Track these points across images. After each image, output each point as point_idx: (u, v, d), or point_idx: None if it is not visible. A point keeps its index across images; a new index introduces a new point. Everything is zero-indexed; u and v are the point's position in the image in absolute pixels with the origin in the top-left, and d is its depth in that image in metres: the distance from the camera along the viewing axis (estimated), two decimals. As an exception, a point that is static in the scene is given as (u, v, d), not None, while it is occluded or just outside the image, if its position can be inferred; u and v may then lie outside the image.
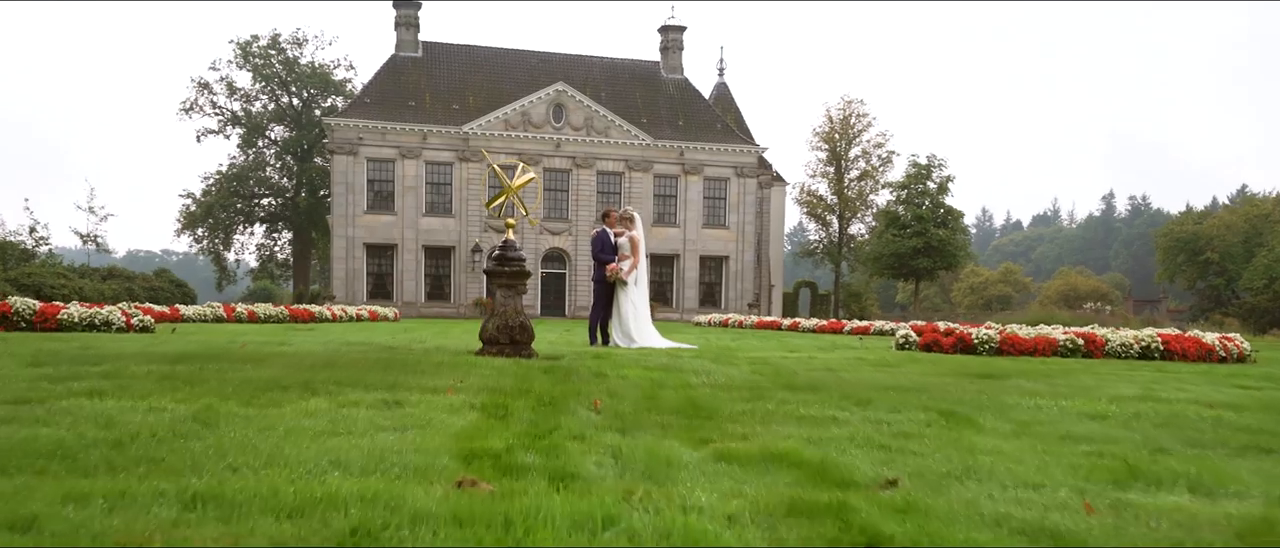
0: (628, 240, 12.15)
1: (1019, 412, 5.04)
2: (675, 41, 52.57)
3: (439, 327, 20.98)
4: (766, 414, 4.70)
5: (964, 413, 4.82)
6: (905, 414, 4.78)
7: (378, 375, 5.95)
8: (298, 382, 5.39)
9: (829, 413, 4.75)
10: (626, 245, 12.16)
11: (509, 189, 9.18)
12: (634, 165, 48.31)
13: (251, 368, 6.20)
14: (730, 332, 22.76)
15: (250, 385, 5.16)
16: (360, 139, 45.75)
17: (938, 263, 46.00)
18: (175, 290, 45.84)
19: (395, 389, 5.23)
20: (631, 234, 12.15)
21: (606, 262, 12.21)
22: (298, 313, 22.67)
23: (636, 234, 12.21)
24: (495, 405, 4.68)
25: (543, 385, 5.77)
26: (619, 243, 12.23)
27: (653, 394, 5.46)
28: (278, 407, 4.39)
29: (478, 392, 5.25)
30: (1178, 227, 66.38)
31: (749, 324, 25.16)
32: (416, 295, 46.78)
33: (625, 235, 12.21)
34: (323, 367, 6.39)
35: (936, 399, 5.55)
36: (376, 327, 20.18)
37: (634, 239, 12.16)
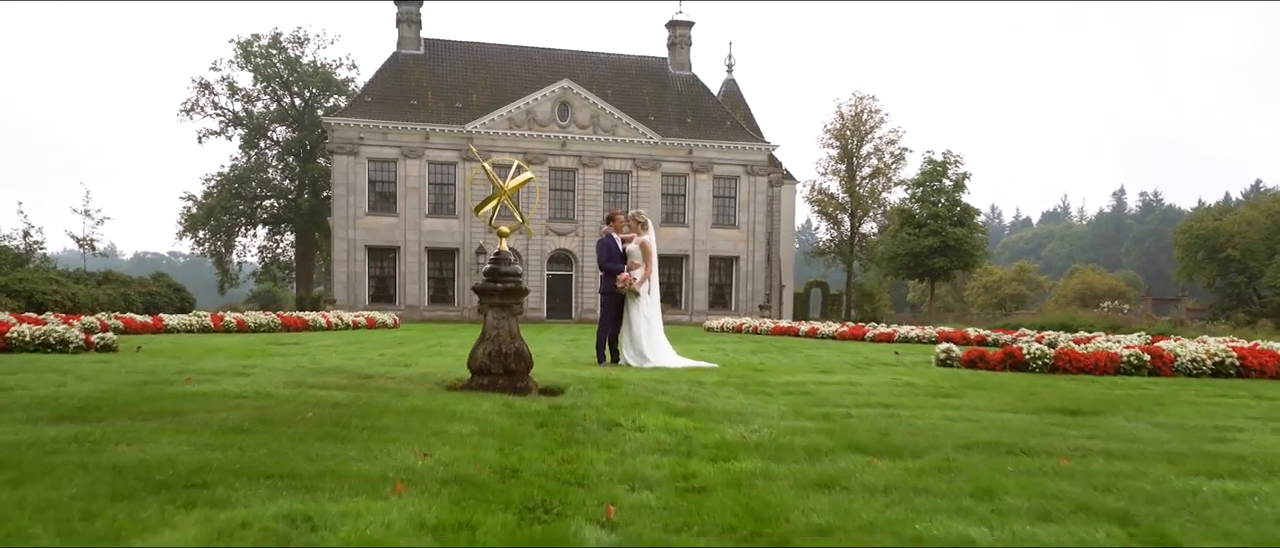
0: (638, 247, 10.93)
1: (1225, 519, 3.50)
2: (683, 37, 51.33)
3: (436, 337, 19.79)
4: (863, 527, 3.29)
5: (1151, 523, 3.36)
6: (1064, 527, 3.30)
7: (313, 448, 4.46)
8: (188, 470, 3.84)
9: (956, 528, 3.28)
10: (637, 252, 10.91)
11: (501, 191, 7.85)
12: (642, 164, 47.11)
13: (152, 434, 4.68)
14: (746, 340, 21.53)
15: (110, 483, 3.60)
16: (361, 139, 44.62)
17: (954, 262, 44.72)
18: (173, 295, 44.76)
19: (319, 486, 3.68)
20: (643, 240, 10.91)
21: (615, 271, 10.92)
22: (290, 321, 21.51)
23: (649, 239, 10.96)
24: (457, 523, 3.22)
25: (535, 458, 4.44)
26: (628, 250, 11.00)
27: (686, 474, 4.16)
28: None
29: (441, 484, 3.79)
30: (1197, 223, 64.98)
31: (765, 330, 23.94)
32: (419, 299, 45.64)
33: (636, 241, 11.00)
34: (251, 428, 4.94)
35: (1079, 482, 4.08)
36: (369, 337, 18.99)
37: (646, 245, 10.91)
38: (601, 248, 11.20)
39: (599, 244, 11.32)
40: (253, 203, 64.54)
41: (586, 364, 10.67)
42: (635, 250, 10.93)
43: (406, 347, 15.06)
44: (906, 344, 18.99)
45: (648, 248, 10.88)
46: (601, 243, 11.27)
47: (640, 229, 11.01)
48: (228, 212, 62.79)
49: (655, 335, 10.92)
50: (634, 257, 10.90)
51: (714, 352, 15.01)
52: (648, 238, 10.94)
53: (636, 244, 10.92)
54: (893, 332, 19.80)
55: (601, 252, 11.18)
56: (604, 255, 11.04)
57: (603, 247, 11.15)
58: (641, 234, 10.95)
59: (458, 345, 15.40)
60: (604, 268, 11.07)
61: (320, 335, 19.32)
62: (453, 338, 19.17)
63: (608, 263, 11.01)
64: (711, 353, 14.39)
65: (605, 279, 11.18)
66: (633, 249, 10.97)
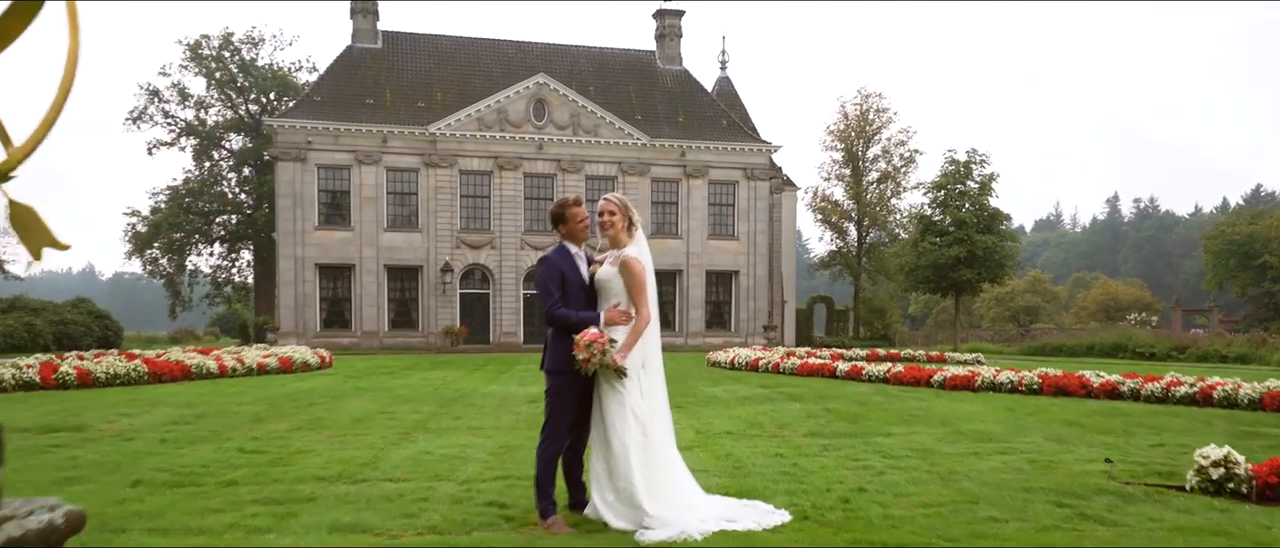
0: (618, 269, 5.25)
1: None
2: (672, 28, 46.27)
3: (377, 397, 14.45)
4: None
5: None
6: None
7: None
8: None
9: None
10: (615, 281, 5.24)
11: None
12: (628, 168, 41.91)
13: None
14: (772, 389, 16.28)
15: None
16: (309, 143, 39.24)
17: (982, 274, 39.65)
18: (93, 325, 39.22)
19: None
20: (625, 256, 5.25)
21: (571, 322, 5.14)
22: (161, 367, 16.10)
23: (636, 255, 5.26)
24: None
25: None
26: (600, 277, 5.31)
27: None
28: None
29: None
30: (1229, 227, 60.29)
31: (789, 368, 18.68)
32: (378, 324, 40.21)
33: (612, 258, 5.33)
34: None
35: None
36: (260, 393, 13.60)
37: (632, 267, 5.21)
38: (547, 273, 5.31)
39: (543, 267, 5.35)
40: (207, 218, 59.06)
41: (517, 507, 5.42)
42: (612, 277, 5.23)
43: (288, 435, 9.69)
44: (1011, 397, 13.81)
45: (637, 272, 5.18)
46: (547, 264, 5.32)
47: (619, 233, 5.30)
48: (178, 228, 57.28)
49: (657, 457, 5.06)
50: (610, 289, 5.23)
51: (737, 417, 9.80)
52: (633, 253, 5.23)
53: (613, 265, 5.24)
54: (972, 375, 14.59)
55: (546, 279, 5.29)
56: (547, 289, 5.27)
57: (548, 271, 5.31)
58: (623, 243, 5.30)
59: (408, 416, 10.08)
60: (551, 316, 5.22)
61: (181, 391, 13.92)
62: (401, 392, 13.84)
63: (554, 309, 5.20)
64: (736, 425, 9.17)
65: (555, 340, 5.24)
66: (608, 275, 5.25)
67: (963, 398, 12.74)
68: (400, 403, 11.88)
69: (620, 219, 5.29)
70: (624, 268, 5.19)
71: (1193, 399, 11.70)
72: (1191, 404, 11.60)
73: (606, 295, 5.24)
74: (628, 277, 5.16)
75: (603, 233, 5.33)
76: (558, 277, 5.25)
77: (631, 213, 5.37)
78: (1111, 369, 21.89)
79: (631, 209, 5.36)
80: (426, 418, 10.02)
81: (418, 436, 8.55)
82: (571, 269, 5.27)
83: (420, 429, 9.04)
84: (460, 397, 12.81)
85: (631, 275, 5.16)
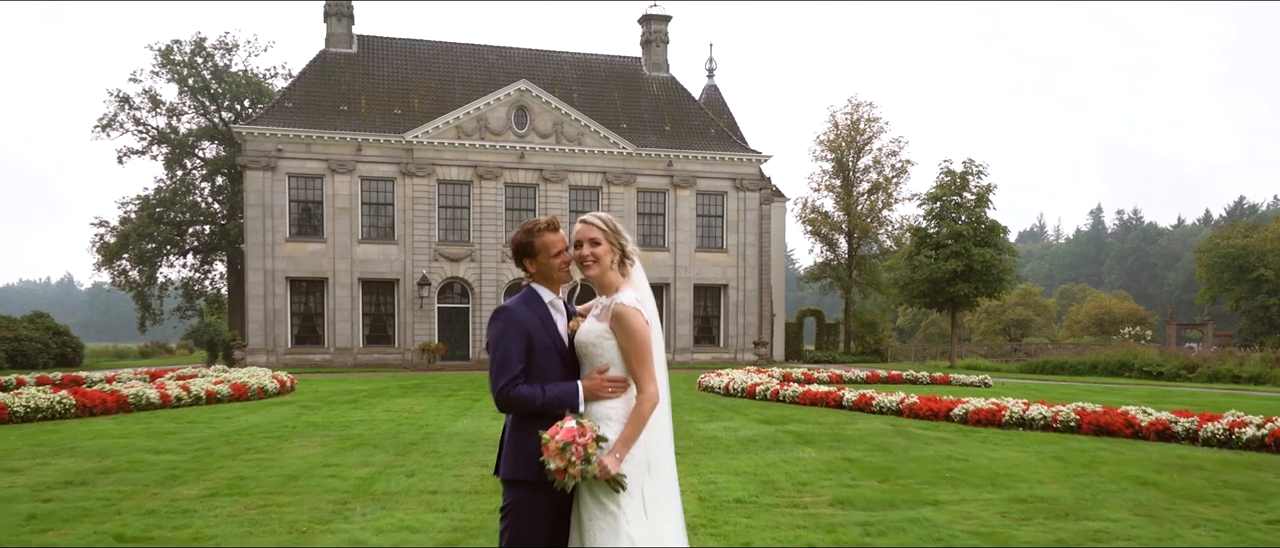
0: (612, 323, 3.44)
1: None
2: (659, 34, 44.82)
3: (327, 435, 12.81)
4: None
5: None
6: None
7: None
8: None
9: None
10: (604, 343, 3.45)
11: None
12: (613, 178, 40.36)
13: None
14: (770, 418, 14.77)
15: None
16: (279, 151, 37.49)
17: (979, 289, 38.28)
18: (50, 341, 37.29)
19: None
20: (620, 304, 3.44)
21: (540, 405, 3.37)
22: (91, 398, 14.36)
23: (629, 301, 3.45)
24: None
25: None
26: (583, 341, 3.50)
27: None
28: None
29: None
30: (1223, 240, 59.37)
31: (790, 395, 17.13)
32: (352, 339, 38.42)
33: (600, 309, 3.55)
34: None
35: None
36: (181, 437, 11.93)
37: (628, 319, 3.40)
38: (502, 335, 3.45)
39: (498, 325, 3.49)
40: (179, 229, 57.08)
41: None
42: (600, 338, 3.46)
43: (194, 505, 8.05)
44: (1050, 438, 12.34)
45: (636, 328, 3.40)
46: (505, 320, 3.48)
47: (605, 271, 3.54)
48: (149, 239, 55.29)
49: None
50: (595, 356, 3.47)
51: (745, 473, 8.31)
52: (629, 300, 3.46)
53: (602, 319, 3.49)
54: (999, 409, 13.07)
55: (502, 343, 3.43)
56: (503, 360, 3.41)
57: (505, 331, 3.46)
58: (614, 286, 3.55)
59: (354, 471, 8.43)
60: (504, 400, 3.40)
61: (105, 430, 12.22)
62: (357, 429, 12.20)
63: (509, 389, 3.38)
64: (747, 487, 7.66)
65: (515, 433, 3.43)
66: (593, 336, 3.48)
67: (995, 439, 11.22)
68: (351, 449, 10.25)
69: (608, 250, 3.52)
70: (618, 323, 3.40)
71: (1262, 443, 10.22)
72: (1261, 449, 10.13)
73: (590, 364, 3.50)
74: (623, 336, 3.40)
75: (583, 271, 3.56)
76: (520, 338, 3.42)
77: (624, 239, 3.56)
78: (1122, 394, 20.52)
79: (624, 234, 3.61)
80: (376, 474, 8.41)
81: (357, 506, 6.95)
82: (542, 327, 3.48)
83: (363, 494, 7.44)
84: (423, 438, 11.20)
85: (629, 335, 3.38)
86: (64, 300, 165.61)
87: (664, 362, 3.54)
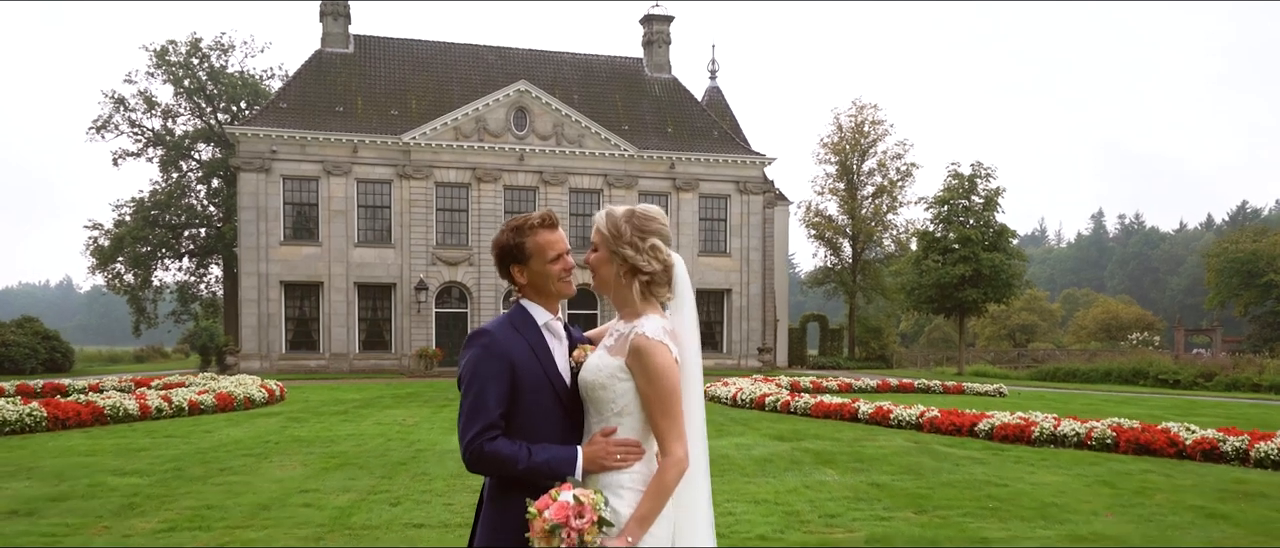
0: (629, 359, 2.53)
1: None
2: (661, 35, 44.06)
3: (288, 466, 12.01)
4: None
5: None
6: None
7: None
8: None
9: None
10: (616, 385, 2.55)
11: None
12: (614, 181, 39.58)
13: None
14: (783, 433, 14.00)
15: None
16: (274, 152, 36.71)
17: (987, 294, 37.51)
18: (38, 346, 36.50)
19: None
20: (641, 333, 2.53)
21: (523, 469, 2.50)
22: (65, 411, 13.57)
23: (654, 331, 2.54)
24: None
25: None
26: (589, 378, 2.59)
27: None
28: None
29: None
30: (1232, 245, 58.58)
31: (802, 407, 16.34)
32: (348, 345, 37.61)
33: (615, 336, 2.62)
34: None
35: None
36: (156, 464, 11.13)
37: (651, 356, 2.50)
38: (477, 368, 2.55)
39: (474, 353, 2.59)
40: (175, 232, 56.33)
41: None
42: (612, 375, 2.54)
43: (149, 542, 7.25)
44: (1089, 459, 11.55)
45: (660, 367, 2.49)
46: (483, 347, 2.58)
47: (622, 288, 2.63)
48: (144, 242, 54.55)
49: None
50: (605, 400, 2.56)
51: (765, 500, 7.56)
52: (654, 330, 2.53)
53: (615, 352, 2.57)
54: (1028, 424, 12.25)
55: (478, 378, 2.54)
56: (479, 401, 2.52)
57: (481, 363, 2.56)
58: (635, 309, 2.62)
59: (335, 498, 7.64)
60: (477, 456, 2.50)
61: (73, 446, 11.41)
62: (344, 445, 11.41)
63: (484, 443, 2.49)
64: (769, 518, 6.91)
65: (493, 499, 2.60)
66: (601, 373, 2.55)
67: (1029, 458, 10.43)
68: (334, 470, 9.46)
69: (605, 259, 2.65)
70: (637, 360, 2.52)
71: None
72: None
73: (599, 410, 2.61)
74: (644, 378, 2.51)
75: (598, 287, 2.72)
76: (500, 373, 2.55)
77: (632, 246, 2.61)
78: (1144, 405, 19.70)
79: (653, 238, 2.63)
80: (357, 503, 7.62)
81: (332, 545, 6.15)
82: (533, 357, 2.61)
83: (340, 527, 6.65)
84: (413, 457, 10.41)
85: (651, 377, 2.49)
86: (63, 303, 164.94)
87: (701, 411, 2.65)
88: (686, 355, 2.59)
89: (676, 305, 2.66)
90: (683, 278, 2.70)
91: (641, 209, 2.67)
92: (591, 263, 2.69)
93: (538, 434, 2.56)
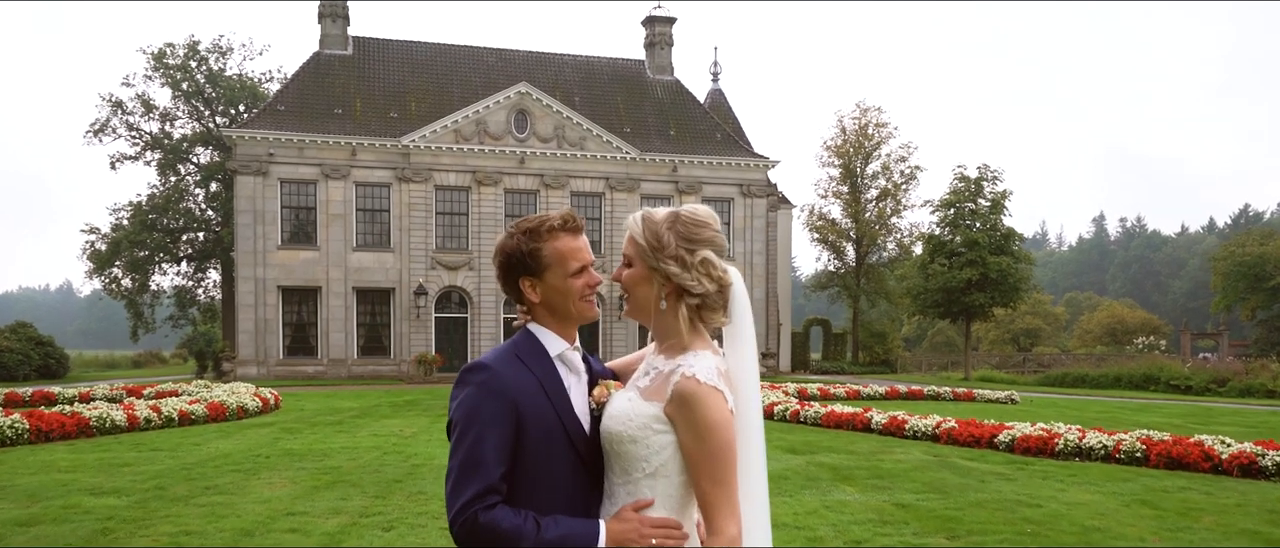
0: (672, 406, 1.99)
1: None
2: (663, 36, 43.60)
3: (276, 484, 11.52)
4: None
5: None
6: None
7: None
8: None
9: None
10: (654, 438, 2.01)
11: None
12: (617, 184, 39.10)
13: None
14: (795, 446, 13.51)
15: None
16: (271, 155, 36.22)
17: (994, 298, 37.02)
18: (32, 351, 36.02)
19: None
20: (689, 373, 1.99)
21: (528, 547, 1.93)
22: (49, 422, 13.07)
23: (704, 373, 1.99)
24: None
25: None
26: (615, 427, 2.04)
27: None
28: None
29: None
30: (1238, 248, 58.07)
31: (811, 417, 15.85)
32: (346, 351, 37.10)
33: (652, 376, 2.07)
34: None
35: None
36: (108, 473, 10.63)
37: (701, 405, 1.96)
38: (470, 412, 2.00)
39: (467, 395, 2.03)
40: (173, 236, 55.85)
41: None
42: (648, 424, 1.99)
43: None
44: (1120, 474, 11.03)
45: (713, 423, 1.95)
46: (479, 385, 2.02)
47: (663, 314, 2.08)
48: (141, 246, 54.06)
49: None
50: (637, 454, 2.00)
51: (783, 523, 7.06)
52: (704, 370, 1.97)
53: (650, 396, 2.03)
54: (1051, 436, 11.71)
55: (473, 426, 1.97)
56: (473, 455, 1.96)
57: (476, 405, 2.00)
58: (682, 341, 2.05)
59: (323, 521, 7.13)
60: (465, 526, 1.93)
61: (53, 461, 10.91)
62: (337, 459, 10.91)
63: (478, 511, 1.92)
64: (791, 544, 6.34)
65: None
66: (635, 421, 1.99)
67: (1057, 474, 9.92)
68: (325, 488, 8.95)
69: (641, 276, 2.10)
70: (682, 410, 1.97)
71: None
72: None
73: (625, 469, 2.04)
74: (691, 433, 1.96)
75: (632, 312, 2.18)
76: (501, 419, 2.00)
77: (708, 262, 2.08)
78: (1159, 412, 19.14)
79: (705, 249, 2.10)
80: (347, 527, 7.11)
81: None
82: (544, 397, 2.06)
83: (328, 557, 6.13)
84: (409, 474, 9.90)
85: (701, 433, 1.95)
86: (64, 308, 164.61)
87: (762, 475, 2.07)
88: (745, 403, 2.05)
89: (733, 335, 2.11)
90: (742, 300, 2.14)
91: (688, 212, 2.13)
92: (624, 282, 2.13)
93: (548, 498, 2.01)
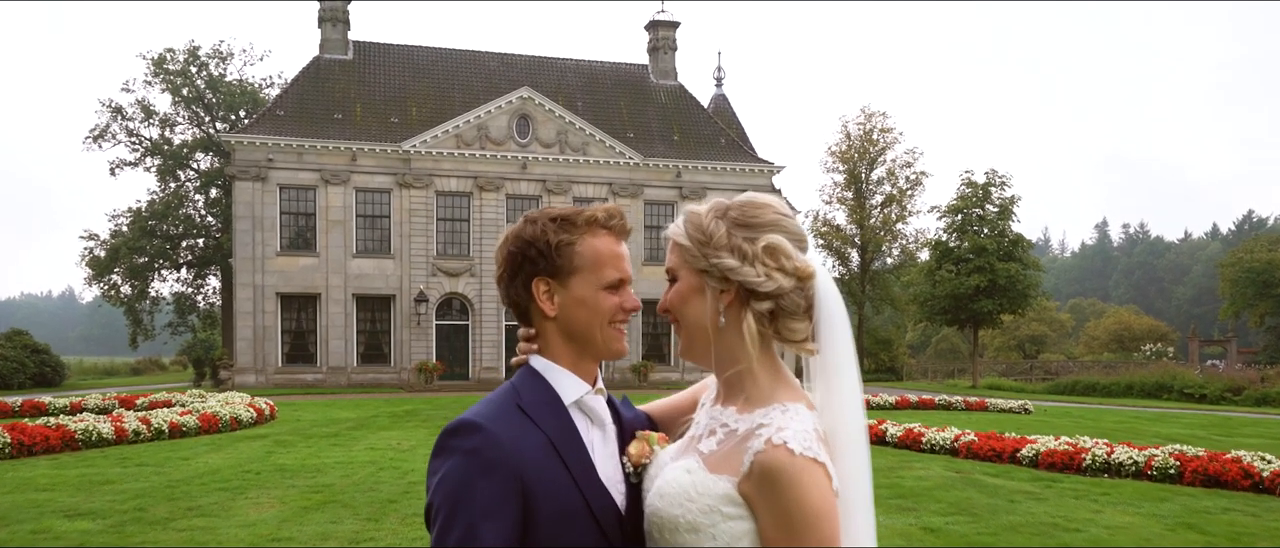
0: (753, 484, 1.34)
1: None
2: (666, 41, 43.18)
3: (263, 504, 11.02)
4: None
5: None
6: None
7: None
8: None
9: None
10: (724, 522, 1.36)
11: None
12: (620, 190, 38.64)
13: None
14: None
15: None
16: (270, 161, 35.78)
17: (1003, 305, 36.53)
18: (28, 360, 35.55)
19: None
20: (771, 436, 1.34)
21: None
22: (31, 435, 12.59)
23: (791, 441, 1.32)
24: None
25: None
26: (660, 507, 1.41)
27: None
28: None
29: None
30: (1246, 255, 57.55)
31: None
32: (346, 358, 36.62)
33: (719, 437, 1.44)
34: None
35: None
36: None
37: (789, 476, 1.30)
38: (461, 482, 1.36)
39: (450, 456, 1.40)
40: (172, 242, 55.45)
41: None
42: (715, 506, 1.36)
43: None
44: (1157, 493, 10.52)
45: (809, 512, 1.30)
46: (469, 451, 1.38)
47: (727, 342, 1.49)
48: (140, 253, 53.66)
49: None
50: (696, 543, 1.37)
51: None
52: (795, 436, 1.33)
53: (720, 463, 1.40)
54: (1078, 451, 11.15)
55: (458, 506, 1.35)
56: (470, 538, 1.35)
57: (467, 471, 1.37)
58: (765, 392, 1.44)
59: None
60: None
61: (33, 478, 10.43)
62: (330, 476, 10.41)
63: None
64: None
65: None
66: (697, 502, 1.36)
67: (1088, 492, 9.42)
68: (315, 508, 8.47)
69: (693, 286, 1.52)
70: (764, 489, 1.32)
71: None
72: None
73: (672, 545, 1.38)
74: (777, 523, 1.31)
75: (686, 349, 1.56)
76: (504, 500, 1.36)
77: (775, 248, 1.45)
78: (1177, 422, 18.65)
79: (769, 234, 1.46)
80: (336, 555, 6.60)
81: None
82: (556, 464, 1.42)
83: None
84: (405, 492, 9.41)
85: (793, 523, 1.29)
86: (65, 314, 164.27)
87: (870, 532, 1.40)
88: (849, 476, 1.37)
89: (825, 367, 1.45)
90: (833, 308, 1.49)
91: (743, 199, 1.55)
92: (671, 303, 1.55)
93: None
